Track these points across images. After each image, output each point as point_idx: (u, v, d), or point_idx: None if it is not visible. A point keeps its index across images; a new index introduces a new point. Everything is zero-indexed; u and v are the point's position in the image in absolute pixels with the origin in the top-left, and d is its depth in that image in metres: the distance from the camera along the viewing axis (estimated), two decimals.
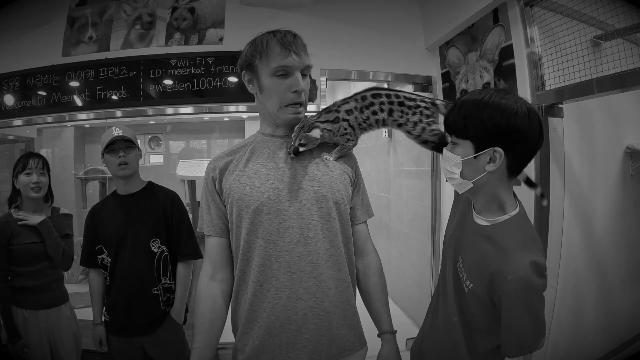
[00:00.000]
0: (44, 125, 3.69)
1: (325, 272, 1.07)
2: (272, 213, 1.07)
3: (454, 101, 1.02)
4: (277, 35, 1.05)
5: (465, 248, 1.02)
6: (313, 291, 1.05)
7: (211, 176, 1.16)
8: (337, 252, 1.10)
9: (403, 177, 3.44)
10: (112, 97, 2.59)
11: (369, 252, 1.23)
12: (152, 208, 1.74)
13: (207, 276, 1.14)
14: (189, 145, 5.51)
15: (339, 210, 1.11)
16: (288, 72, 1.05)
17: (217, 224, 1.16)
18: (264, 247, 1.06)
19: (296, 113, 1.11)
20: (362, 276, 1.21)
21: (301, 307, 1.05)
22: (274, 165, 1.12)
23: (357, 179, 1.22)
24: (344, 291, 1.11)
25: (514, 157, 0.90)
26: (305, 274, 1.05)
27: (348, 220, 1.15)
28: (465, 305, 1.00)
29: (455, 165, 0.96)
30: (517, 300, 0.85)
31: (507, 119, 0.86)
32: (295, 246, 1.06)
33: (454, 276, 1.04)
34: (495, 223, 0.96)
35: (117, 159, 1.68)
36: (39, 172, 1.86)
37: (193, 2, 2.63)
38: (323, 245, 1.07)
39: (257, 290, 1.07)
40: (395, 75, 2.79)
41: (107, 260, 1.72)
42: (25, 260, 1.82)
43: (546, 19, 1.88)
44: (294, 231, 1.06)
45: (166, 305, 1.74)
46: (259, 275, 1.06)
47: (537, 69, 1.90)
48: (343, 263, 1.12)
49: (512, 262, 0.86)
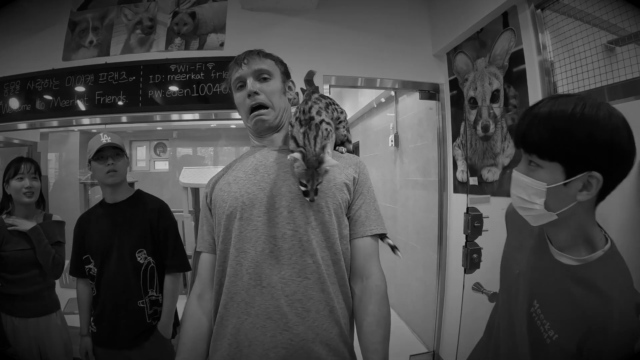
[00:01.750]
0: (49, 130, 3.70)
1: (302, 291, 0.95)
2: (244, 219, 1.00)
3: (524, 111, 0.83)
4: (235, 58, 1.12)
5: (546, 292, 0.84)
6: (285, 311, 0.94)
7: (205, 192, 1.13)
8: (319, 269, 0.97)
9: (410, 188, 3.35)
10: (111, 103, 2.56)
11: (371, 274, 1.02)
12: (137, 217, 1.70)
13: (195, 295, 1.09)
14: (196, 153, 5.51)
15: (323, 220, 0.99)
16: (244, 82, 1.08)
17: (207, 239, 1.11)
18: (235, 256, 0.99)
19: (258, 116, 1.08)
20: (357, 302, 1.02)
21: (270, 328, 0.94)
22: (254, 171, 1.07)
23: (360, 185, 1.08)
24: (327, 317, 0.97)
25: (610, 181, 0.74)
26: (277, 291, 0.95)
27: (336, 233, 1.00)
28: (543, 359, 0.83)
29: (536, 193, 0.78)
30: (621, 356, 0.69)
31: (610, 135, 0.71)
32: (267, 257, 0.97)
33: (528, 324, 0.86)
34: (587, 262, 0.79)
35: (106, 166, 1.65)
36: (31, 176, 1.84)
37: (194, 6, 2.59)
38: (301, 259, 0.96)
39: (228, 302, 0.99)
40: (403, 82, 2.70)
41: (93, 270, 1.68)
42: (15, 268, 1.78)
43: (558, 22, 1.79)
44: (267, 240, 0.97)
45: (153, 319, 1.69)
46: (230, 287, 0.99)
47: (550, 76, 1.80)
48: (326, 283, 0.97)
49: (617, 312, 0.70)
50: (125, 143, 5.58)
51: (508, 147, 1.99)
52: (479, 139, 2.21)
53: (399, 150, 3.59)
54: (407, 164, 3.39)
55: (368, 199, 1.08)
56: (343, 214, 1.04)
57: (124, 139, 5.26)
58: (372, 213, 1.07)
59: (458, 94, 2.52)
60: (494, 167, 2.10)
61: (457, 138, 2.55)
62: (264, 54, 1.12)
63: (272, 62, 1.12)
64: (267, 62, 1.10)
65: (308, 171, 0.92)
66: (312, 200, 0.95)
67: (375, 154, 4.17)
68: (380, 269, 1.05)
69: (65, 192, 4.07)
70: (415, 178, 3.21)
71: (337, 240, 1.01)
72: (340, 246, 1.02)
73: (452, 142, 2.62)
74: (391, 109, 3.68)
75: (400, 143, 3.56)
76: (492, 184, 2.11)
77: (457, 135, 2.55)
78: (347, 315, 1.02)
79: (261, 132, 1.12)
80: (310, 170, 0.92)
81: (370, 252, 1.05)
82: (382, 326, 0.97)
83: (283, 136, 1.14)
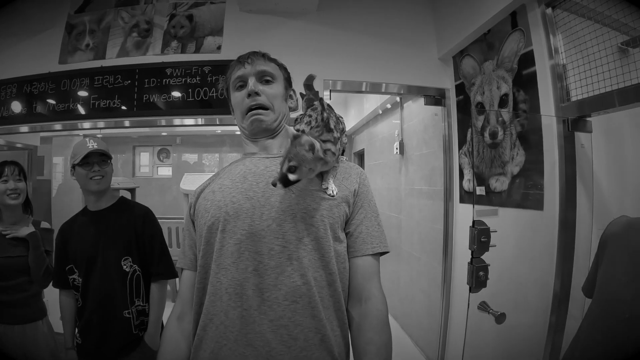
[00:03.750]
0: (53, 134, 3.72)
1: (289, 315, 0.84)
2: (227, 231, 0.90)
3: None
4: (239, 57, 1.07)
5: None
6: (268, 338, 0.83)
7: (190, 203, 1.05)
8: (310, 292, 0.86)
9: (414, 197, 3.26)
10: (106, 107, 2.51)
11: (370, 297, 0.91)
12: (122, 224, 1.65)
13: (175, 316, 1.01)
14: (200, 159, 5.49)
15: (317, 236, 0.88)
16: (244, 82, 1.03)
17: (188, 255, 1.03)
18: (216, 273, 0.90)
19: (256, 115, 1.00)
20: (355, 329, 0.91)
21: (251, 356, 0.83)
22: (241, 179, 0.97)
23: (361, 197, 0.98)
24: (317, 346, 0.85)
25: None
26: (260, 315, 0.84)
27: (331, 251, 0.90)
28: None
29: None
30: None
31: None
32: (250, 276, 0.86)
33: None
34: None
35: (91, 172, 1.61)
36: (15, 178, 1.82)
37: (192, 9, 2.54)
38: (289, 280, 0.85)
39: (207, 325, 0.89)
40: (408, 87, 2.61)
41: (78, 280, 1.62)
42: (3, 275, 1.75)
43: (569, 21, 1.69)
44: (250, 256, 0.87)
45: (139, 330, 1.64)
46: (209, 307, 0.90)
47: (562, 79, 1.69)
48: (318, 308, 0.86)
49: None
50: (129, 148, 5.59)
51: (517, 154, 1.88)
52: (486, 146, 2.09)
53: (404, 158, 3.51)
54: (412, 172, 3.30)
55: (369, 213, 0.98)
56: (340, 230, 0.93)
57: (128, 144, 5.30)
58: (374, 229, 0.97)
59: (465, 99, 2.42)
60: (503, 176, 1.99)
61: (463, 145, 2.44)
62: (268, 57, 1.07)
63: (276, 67, 1.07)
64: (271, 65, 1.05)
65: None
66: (276, 184, 0.85)
67: (380, 161, 4.09)
68: (381, 290, 0.94)
69: (68, 196, 4.07)
70: (420, 187, 3.12)
71: (332, 258, 0.90)
72: (337, 265, 0.90)
73: (458, 149, 2.51)
74: (396, 115, 3.61)
75: (405, 150, 3.48)
76: (501, 194, 2.00)
77: (463, 142, 2.44)
78: (342, 344, 0.91)
79: (256, 134, 1.04)
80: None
81: (371, 272, 0.94)
82: (383, 356, 0.87)
83: (278, 144, 1.05)
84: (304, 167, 0.85)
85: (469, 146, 2.35)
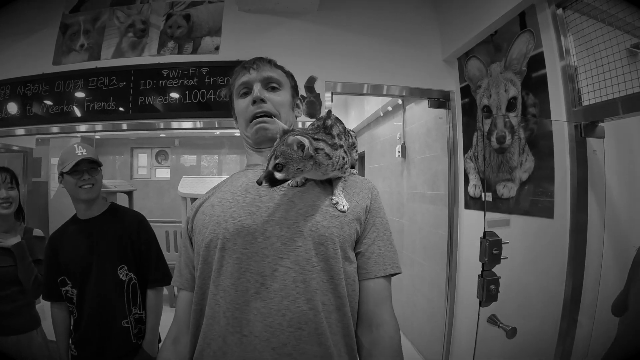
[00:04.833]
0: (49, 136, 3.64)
1: (293, 343, 0.77)
2: (227, 249, 0.83)
3: None
4: (243, 63, 1.03)
5: None
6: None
7: (187, 217, 0.98)
8: (317, 318, 0.78)
9: (417, 201, 3.19)
10: (100, 109, 2.45)
11: (382, 323, 0.85)
12: (116, 232, 1.61)
13: (170, 339, 0.95)
14: (199, 161, 5.43)
15: (327, 256, 0.82)
16: (249, 88, 0.99)
17: (184, 274, 0.96)
18: (214, 294, 0.82)
19: (261, 123, 0.95)
20: (365, 356, 0.85)
21: None
22: (243, 192, 0.90)
23: (373, 214, 0.92)
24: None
25: None
26: (262, 341, 0.76)
27: (341, 273, 0.83)
28: None
29: None
30: None
31: None
32: (251, 299, 0.79)
33: None
34: None
35: (80, 181, 1.57)
36: (7, 186, 1.77)
37: (189, 8, 2.47)
38: (295, 305, 0.78)
39: (205, 350, 0.82)
40: (411, 90, 2.55)
41: (71, 292, 1.58)
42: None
43: (580, 22, 1.63)
44: (252, 278, 0.80)
45: (138, 338, 1.62)
46: (207, 331, 0.83)
47: (574, 82, 1.63)
48: (325, 335, 0.79)
49: None
50: (126, 150, 5.50)
51: (526, 160, 1.81)
52: (493, 151, 2.03)
53: (406, 161, 3.44)
54: (415, 176, 3.24)
55: (382, 231, 0.92)
56: (350, 249, 0.87)
57: (126, 145, 5.21)
58: (387, 249, 0.90)
59: (470, 102, 2.36)
60: (510, 182, 1.92)
61: (468, 150, 2.38)
62: (275, 64, 1.03)
63: (283, 74, 1.03)
64: (277, 72, 1.01)
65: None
66: (262, 183, 0.79)
67: (382, 165, 4.02)
68: (393, 316, 0.87)
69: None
70: (423, 191, 3.06)
71: (342, 280, 0.83)
72: (346, 288, 0.84)
73: (463, 154, 2.45)
74: (398, 117, 3.54)
75: (407, 154, 3.41)
76: (508, 200, 1.93)
77: (468, 146, 2.38)
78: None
79: (261, 144, 0.99)
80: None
81: (384, 296, 0.88)
82: None
83: None
84: (291, 165, 0.78)
85: (475, 151, 2.29)
